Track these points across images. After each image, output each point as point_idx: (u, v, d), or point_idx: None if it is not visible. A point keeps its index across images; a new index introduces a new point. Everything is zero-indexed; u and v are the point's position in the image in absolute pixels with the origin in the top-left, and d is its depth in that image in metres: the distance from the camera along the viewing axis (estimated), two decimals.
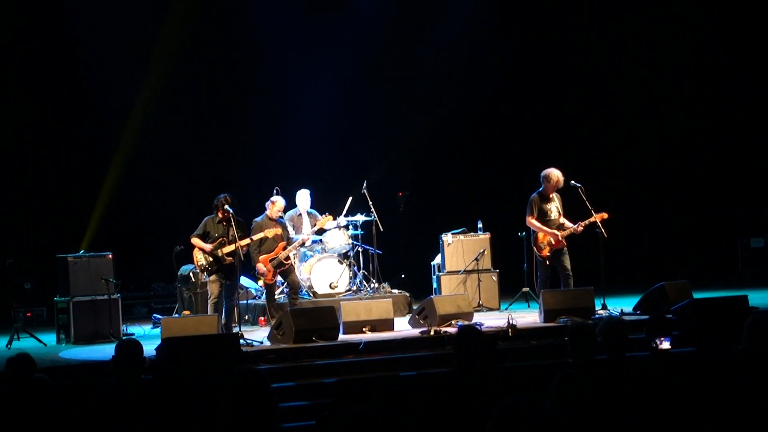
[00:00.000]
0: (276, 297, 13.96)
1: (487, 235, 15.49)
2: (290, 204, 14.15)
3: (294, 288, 13.65)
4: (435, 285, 15.50)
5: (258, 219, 13.60)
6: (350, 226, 15.39)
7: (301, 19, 19.14)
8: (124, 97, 17.76)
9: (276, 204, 13.53)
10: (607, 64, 20.23)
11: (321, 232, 15.02)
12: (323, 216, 14.50)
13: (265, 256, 13.30)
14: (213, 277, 12.59)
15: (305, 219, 14.91)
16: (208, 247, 12.49)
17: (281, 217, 13.78)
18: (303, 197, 15.02)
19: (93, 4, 17.37)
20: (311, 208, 15.03)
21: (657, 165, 20.39)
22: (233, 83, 19.22)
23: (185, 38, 18.20)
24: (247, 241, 12.52)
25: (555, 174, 13.39)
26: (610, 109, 20.37)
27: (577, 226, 13.36)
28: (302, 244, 14.51)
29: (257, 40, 18.90)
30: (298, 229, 14.75)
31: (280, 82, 19.02)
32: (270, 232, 13.31)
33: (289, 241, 13.64)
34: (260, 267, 13.31)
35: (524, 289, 15.20)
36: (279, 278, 13.96)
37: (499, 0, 19.86)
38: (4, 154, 17.63)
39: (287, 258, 13.45)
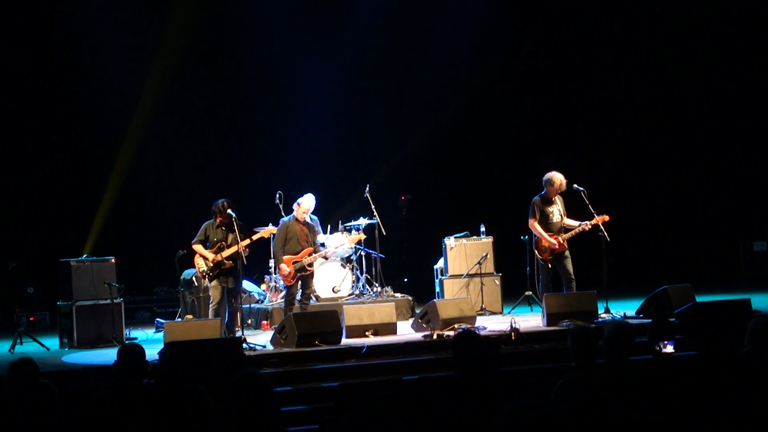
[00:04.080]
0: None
1: (490, 239, 15.49)
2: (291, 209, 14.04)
3: (308, 294, 13.58)
4: (438, 289, 15.49)
5: (285, 219, 13.49)
6: (352, 230, 15.38)
7: (303, 23, 19.15)
8: (127, 101, 17.79)
9: (302, 205, 13.25)
10: (609, 66, 20.25)
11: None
12: (355, 233, 14.54)
13: (289, 256, 13.19)
14: (214, 282, 12.60)
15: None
16: (210, 255, 12.49)
17: (312, 219, 13.55)
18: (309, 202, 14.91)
19: (95, 9, 17.39)
20: (312, 213, 14.93)
21: (659, 168, 20.39)
22: (235, 88, 19.24)
23: (187, 43, 18.23)
24: (246, 242, 12.49)
25: (558, 178, 13.37)
26: (613, 112, 20.38)
27: (585, 224, 13.32)
28: (326, 257, 14.49)
29: (259, 44, 18.93)
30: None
31: (282, 86, 19.04)
32: (266, 232, 13.29)
33: (316, 248, 13.53)
34: (283, 267, 13.11)
35: (527, 293, 15.17)
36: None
37: (501, 4, 19.87)
38: (7, 158, 17.65)
39: (310, 264, 13.35)
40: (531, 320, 13.13)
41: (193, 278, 14.71)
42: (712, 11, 19.64)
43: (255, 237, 12.93)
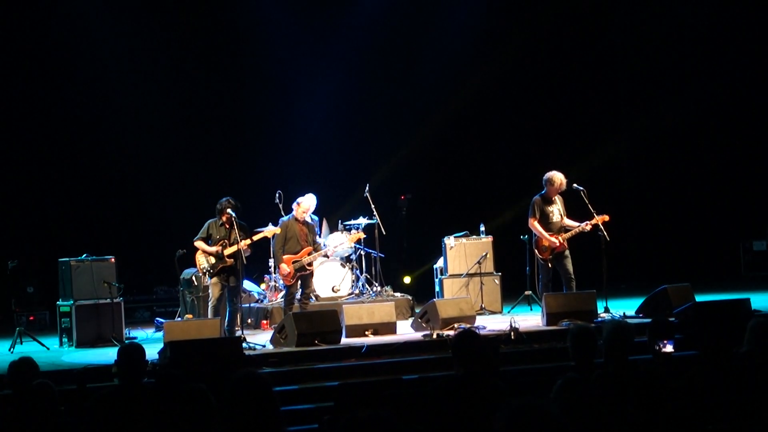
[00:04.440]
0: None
1: (490, 238, 15.49)
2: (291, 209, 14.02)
3: (308, 293, 13.58)
4: (437, 288, 15.49)
5: (284, 218, 13.48)
6: (352, 229, 15.37)
7: (303, 22, 19.15)
8: (127, 100, 17.78)
9: (301, 205, 13.25)
10: (609, 66, 20.25)
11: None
12: (355, 232, 14.52)
13: (288, 256, 13.18)
14: (214, 279, 12.59)
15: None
16: (213, 249, 12.49)
17: (311, 219, 13.54)
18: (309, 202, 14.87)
19: (94, 8, 17.39)
20: (313, 213, 14.90)
21: (659, 168, 20.39)
22: (235, 86, 19.23)
23: (187, 42, 18.23)
24: (247, 241, 12.48)
25: (558, 177, 13.38)
26: (613, 112, 20.38)
27: (585, 225, 13.32)
28: (326, 256, 14.44)
29: (259, 43, 18.92)
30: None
31: (282, 85, 19.03)
32: (270, 232, 13.28)
33: (316, 247, 13.54)
34: (283, 267, 13.11)
35: (527, 293, 15.18)
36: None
37: (500, 4, 19.87)
38: (7, 157, 17.64)
39: (310, 264, 13.33)
40: (530, 320, 13.13)
41: (193, 277, 14.71)
42: (711, 10, 19.63)
43: (257, 237, 12.92)
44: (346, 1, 19.60)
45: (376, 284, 15.32)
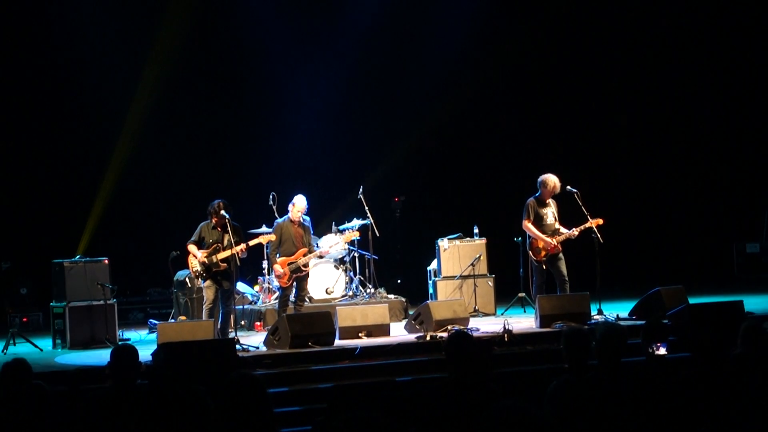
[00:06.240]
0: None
1: (483, 241, 15.50)
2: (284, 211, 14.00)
3: (302, 295, 13.57)
4: (431, 290, 15.50)
5: (279, 221, 13.45)
6: (346, 231, 15.36)
7: (297, 25, 19.15)
8: (120, 101, 17.76)
9: (296, 205, 13.22)
10: (603, 69, 20.27)
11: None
12: (348, 232, 14.49)
13: (284, 258, 13.16)
14: (208, 283, 12.56)
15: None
16: (201, 256, 12.45)
17: (305, 220, 13.49)
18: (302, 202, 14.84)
19: (90, 10, 17.38)
20: (306, 214, 14.87)
21: (652, 170, 20.42)
22: (229, 88, 19.22)
23: (181, 44, 18.21)
24: (242, 246, 12.46)
25: (552, 180, 13.41)
26: (606, 115, 20.40)
27: (573, 231, 13.37)
28: (320, 257, 14.39)
29: (253, 44, 18.91)
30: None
31: (275, 87, 19.03)
32: (264, 239, 13.24)
33: (311, 248, 13.49)
34: (277, 268, 13.08)
35: (520, 294, 15.18)
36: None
37: (495, 7, 19.88)
38: (1, 159, 17.60)
39: (305, 265, 13.31)
40: (524, 322, 13.15)
41: (187, 279, 14.69)
42: (707, 12, 19.67)
43: (253, 242, 12.87)
44: (339, 3, 19.60)
45: (370, 286, 15.32)
